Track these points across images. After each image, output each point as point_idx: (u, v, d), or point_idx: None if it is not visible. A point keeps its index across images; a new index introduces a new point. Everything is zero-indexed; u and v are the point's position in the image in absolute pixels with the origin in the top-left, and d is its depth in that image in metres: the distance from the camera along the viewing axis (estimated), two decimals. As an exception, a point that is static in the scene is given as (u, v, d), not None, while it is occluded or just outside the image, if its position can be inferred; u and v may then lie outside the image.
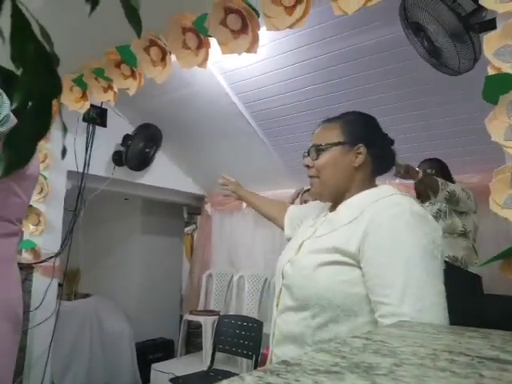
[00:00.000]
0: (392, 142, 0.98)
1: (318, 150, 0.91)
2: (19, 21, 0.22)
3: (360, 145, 0.90)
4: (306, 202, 2.28)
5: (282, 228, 1.26)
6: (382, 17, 1.80)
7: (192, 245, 5.89)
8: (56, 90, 0.22)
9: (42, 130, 0.20)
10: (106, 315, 3.43)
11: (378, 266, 0.74)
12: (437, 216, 2.12)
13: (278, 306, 0.90)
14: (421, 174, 1.88)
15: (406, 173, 1.81)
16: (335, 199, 0.94)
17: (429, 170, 2.20)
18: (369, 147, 0.90)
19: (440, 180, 1.95)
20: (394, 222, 0.77)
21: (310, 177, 0.95)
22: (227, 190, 1.44)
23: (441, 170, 2.21)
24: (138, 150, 3.18)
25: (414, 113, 2.38)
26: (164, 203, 4.25)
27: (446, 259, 2.04)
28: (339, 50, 2.16)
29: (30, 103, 0.22)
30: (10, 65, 0.24)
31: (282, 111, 2.73)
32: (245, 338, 2.44)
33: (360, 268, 0.77)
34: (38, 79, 0.21)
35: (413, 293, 0.70)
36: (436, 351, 0.38)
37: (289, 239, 1.15)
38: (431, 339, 0.44)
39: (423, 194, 2.26)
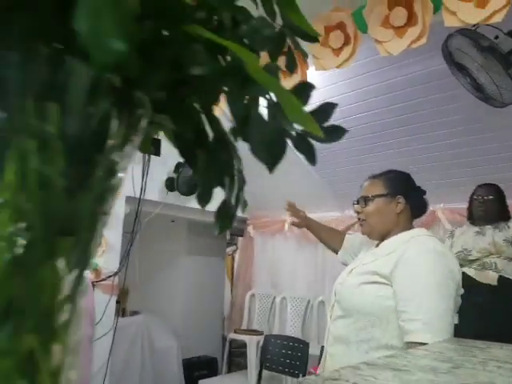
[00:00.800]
0: (424, 192, 1.22)
1: (366, 200, 1.18)
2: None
3: (399, 196, 1.16)
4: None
5: (336, 252, 1.52)
6: (432, 49, 1.89)
7: (232, 265, 6.02)
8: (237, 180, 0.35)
9: (235, 209, 0.33)
10: (156, 332, 3.59)
11: (404, 287, 1.00)
12: None
13: (331, 316, 1.16)
14: None
15: None
16: (381, 238, 1.19)
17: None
18: (406, 198, 1.16)
19: None
20: (419, 256, 1.03)
21: (359, 220, 1.21)
22: (297, 223, 1.62)
23: (498, 195, 2.23)
24: (188, 177, 3.41)
25: (471, 137, 2.42)
26: (208, 225, 4.44)
27: None
28: (390, 80, 2.28)
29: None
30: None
31: (325, 138, 2.85)
32: (291, 357, 2.51)
33: (391, 287, 1.03)
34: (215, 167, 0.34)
35: (426, 306, 0.95)
36: (485, 360, 0.47)
37: (340, 261, 1.46)
38: (481, 351, 0.54)
39: (480, 217, 2.26)
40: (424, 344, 0.85)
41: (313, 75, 1.78)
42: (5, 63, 0.15)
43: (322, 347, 2.59)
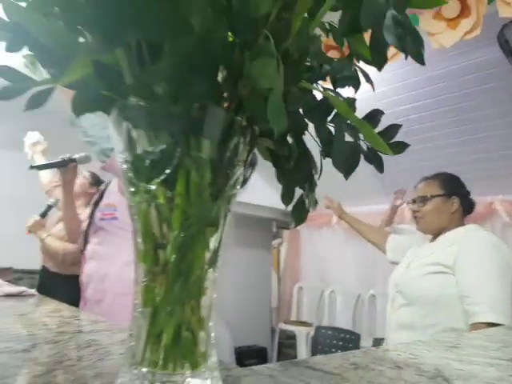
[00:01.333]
0: (469, 193, 1.35)
1: (425, 199, 1.30)
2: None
3: (454, 196, 1.29)
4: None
5: (382, 251, 1.64)
6: (486, 38, 1.83)
7: (278, 258, 6.12)
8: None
9: (309, 207, 0.40)
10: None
11: (467, 275, 1.12)
12: None
13: (393, 306, 1.27)
14: None
15: None
16: (435, 233, 1.32)
17: None
18: (460, 198, 1.30)
19: None
20: (479, 248, 1.16)
21: (416, 217, 1.32)
22: (329, 205, 1.81)
23: None
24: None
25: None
26: (255, 218, 4.55)
27: None
28: (441, 70, 2.24)
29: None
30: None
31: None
32: (342, 348, 2.56)
33: (454, 276, 1.14)
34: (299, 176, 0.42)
35: (489, 291, 1.08)
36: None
37: (391, 262, 1.55)
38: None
39: None
40: (489, 324, 0.97)
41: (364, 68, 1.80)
42: (178, 114, 0.24)
43: (374, 339, 2.61)
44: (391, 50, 1.61)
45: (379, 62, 0.27)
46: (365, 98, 2.91)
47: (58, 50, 0.27)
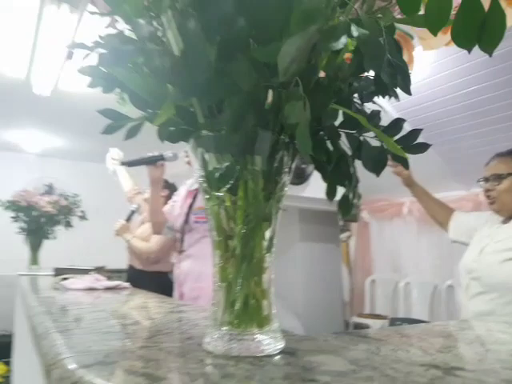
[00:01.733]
0: None
1: (500, 177, 1.21)
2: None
3: None
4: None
5: (444, 229, 1.52)
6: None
7: (347, 251, 6.03)
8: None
9: (353, 201, 0.47)
10: (281, 314, 3.88)
11: None
12: None
13: (467, 295, 1.21)
14: None
15: None
16: (510, 214, 1.24)
17: None
18: None
19: None
20: None
21: (490, 197, 1.24)
22: (399, 173, 1.57)
23: None
24: (295, 167, 3.58)
25: None
26: (320, 212, 4.54)
27: None
28: (496, 52, 2.10)
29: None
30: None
31: (441, 115, 2.71)
32: (418, 340, 2.50)
33: None
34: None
35: None
36: None
37: (452, 241, 1.46)
38: None
39: None
40: None
41: (420, 54, 1.76)
42: (237, 142, 0.32)
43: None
44: (445, 38, 1.55)
45: (382, 92, 0.33)
46: (419, 86, 2.77)
47: (145, 95, 0.37)
